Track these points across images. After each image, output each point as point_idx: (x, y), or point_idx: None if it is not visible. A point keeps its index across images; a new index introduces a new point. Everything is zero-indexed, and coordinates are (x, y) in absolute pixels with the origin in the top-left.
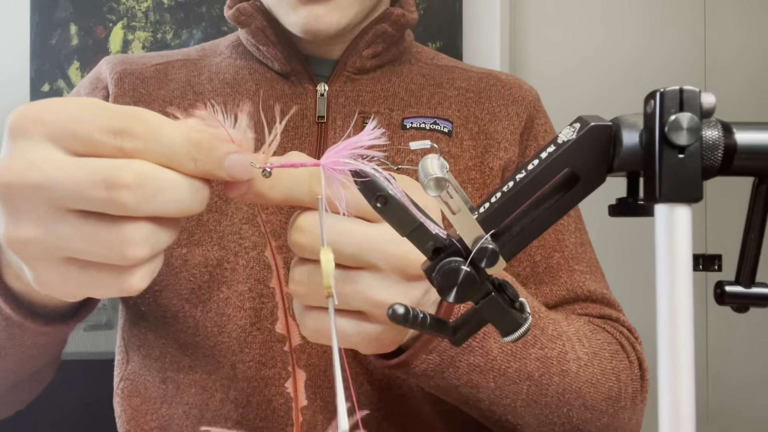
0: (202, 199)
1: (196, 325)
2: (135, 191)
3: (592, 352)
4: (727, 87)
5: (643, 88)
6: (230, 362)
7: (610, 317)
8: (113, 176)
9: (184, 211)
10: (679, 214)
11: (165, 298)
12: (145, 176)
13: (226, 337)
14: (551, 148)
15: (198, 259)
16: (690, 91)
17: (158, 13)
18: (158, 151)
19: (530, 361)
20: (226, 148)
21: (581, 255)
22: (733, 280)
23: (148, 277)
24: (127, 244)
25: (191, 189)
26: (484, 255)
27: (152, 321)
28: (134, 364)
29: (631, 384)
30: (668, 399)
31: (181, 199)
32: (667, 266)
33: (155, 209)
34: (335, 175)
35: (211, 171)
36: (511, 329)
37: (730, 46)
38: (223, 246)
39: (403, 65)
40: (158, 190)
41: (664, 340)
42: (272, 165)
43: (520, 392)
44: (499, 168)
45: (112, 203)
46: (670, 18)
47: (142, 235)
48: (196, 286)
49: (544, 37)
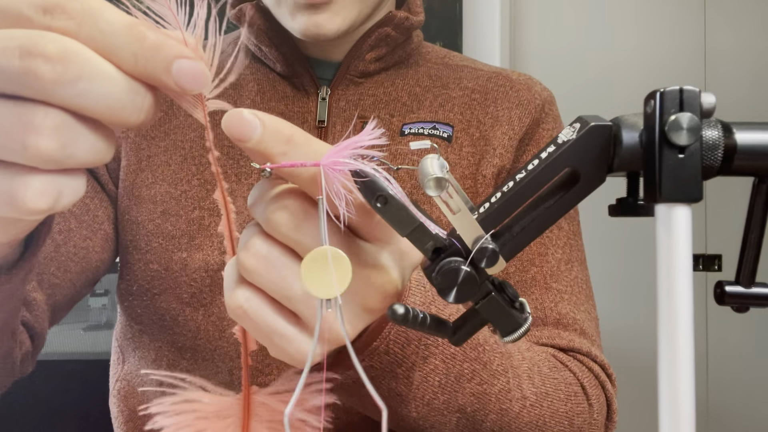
0: (141, 106)
1: (197, 328)
2: (55, 65)
3: (542, 392)
4: (727, 87)
5: (643, 88)
6: (228, 368)
7: (579, 350)
8: (32, 43)
9: (114, 113)
10: (679, 214)
11: (164, 302)
12: (71, 52)
13: (225, 342)
14: (551, 148)
15: (198, 264)
16: (690, 91)
17: None
18: (94, 36)
19: (463, 395)
20: (176, 50)
21: (563, 273)
22: (733, 280)
23: (50, 197)
24: (33, 128)
25: (126, 88)
26: (484, 255)
27: (148, 324)
28: (130, 365)
29: (588, 429)
30: (668, 399)
31: (111, 95)
32: (667, 266)
33: (77, 98)
34: (335, 175)
35: (153, 73)
36: (511, 329)
37: (730, 46)
38: (224, 250)
39: (409, 67)
40: (84, 73)
41: (664, 340)
42: (272, 165)
43: (449, 423)
44: (492, 176)
45: (24, 76)
46: (670, 18)
47: (54, 122)
48: (197, 290)
49: (544, 37)
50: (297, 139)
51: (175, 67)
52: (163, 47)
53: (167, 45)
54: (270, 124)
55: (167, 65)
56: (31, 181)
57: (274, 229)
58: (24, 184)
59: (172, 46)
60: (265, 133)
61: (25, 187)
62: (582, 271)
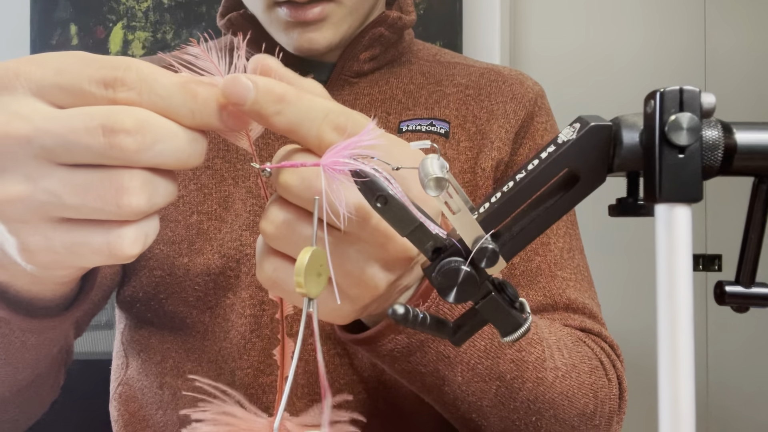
0: (201, 151)
1: (205, 330)
2: (135, 136)
3: (571, 363)
4: (727, 87)
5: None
6: (230, 368)
7: (591, 331)
8: (112, 121)
9: (183, 162)
10: (679, 214)
11: (171, 305)
12: (145, 121)
13: (228, 343)
14: (551, 148)
15: (200, 269)
16: (690, 91)
17: (158, 13)
18: (154, 101)
19: (504, 361)
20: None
21: (566, 261)
22: (733, 280)
23: (141, 242)
24: (124, 191)
25: (190, 139)
26: (484, 255)
27: (158, 325)
28: (132, 370)
29: (609, 403)
30: (668, 399)
31: (181, 149)
32: (667, 266)
33: (155, 158)
34: (335, 175)
35: (208, 122)
36: (511, 329)
37: (730, 46)
38: (224, 254)
39: (402, 66)
40: (158, 137)
41: (664, 340)
42: (272, 165)
43: (488, 391)
44: (491, 169)
45: (111, 150)
46: (670, 18)
47: (140, 182)
48: (201, 293)
49: (544, 37)
50: (289, 97)
51: (224, 113)
52: (213, 99)
53: (215, 94)
54: (262, 84)
55: (218, 113)
56: (125, 232)
57: (286, 190)
58: (119, 237)
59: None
60: (258, 94)
61: (122, 239)
62: (582, 259)
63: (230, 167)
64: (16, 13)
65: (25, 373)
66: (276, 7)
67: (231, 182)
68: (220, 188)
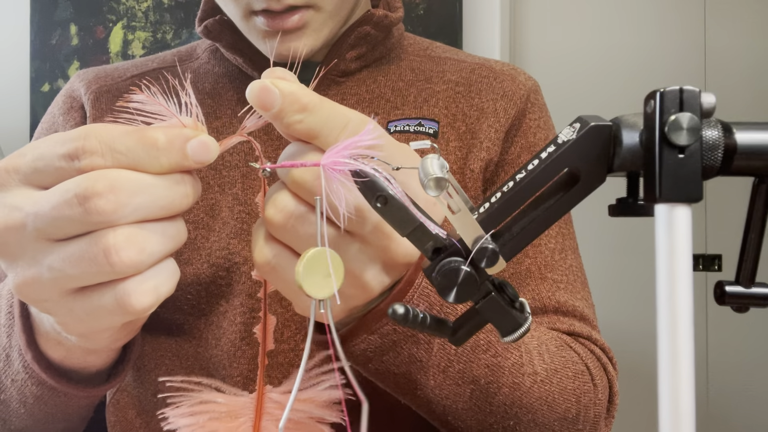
0: (187, 192)
1: (200, 336)
2: (108, 197)
3: (552, 368)
4: (727, 87)
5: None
6: (221, 376)
7: (580, 334)
8: (83, 188)
9: (168, 208)
10: (679, 214)
11: (167, 312)
12: (115, 181)
13: (219, 351)
14: (551, 148)
15: (190, 279)
16: (690, 91)
17: (158, 13)
18: (119, 159)
19: (478, 366)
20: (183, 138)
21: (558, 262)
22: (733, 280)
23: (151, 292)
24: (111, 249)
25: (168, 185)
26: (484, 255)
27: (153, 332)
28: (128, 377)
29: (594, 408)
30: (668, 399)
31: (161, 196)
32: (667, 266)
33: (136, 212)
34: (335, 175)
35: (177, 163)
36: (511, 329)
37: (730, 46)
38: (213, 263)
39: (391, 62)
40: (132, 191)
41: (664, 340)
42: (271, 165)
43: (462, 395)
44: (480, 170)
45: (89, 215)
46: (670, 18)
47: (124, 237)
48: (195, 301)
49: (544, 37)
50: (312, 106)
51: (189, 150)
52: (173, 140)
53: (176, 139)
54: (288, 92)
55: (183, 152)
56: (129, 286)
57: (299, 186)
58: (125, 293)
59: (179, 135)
60: (284, 103)
61: (128, 295)
62: (575, 259)
63: (215, 174)
64: (16, 13)
65: (61, 425)
66: (253, 16)
67: (217, 189)
68: (206, 196)
